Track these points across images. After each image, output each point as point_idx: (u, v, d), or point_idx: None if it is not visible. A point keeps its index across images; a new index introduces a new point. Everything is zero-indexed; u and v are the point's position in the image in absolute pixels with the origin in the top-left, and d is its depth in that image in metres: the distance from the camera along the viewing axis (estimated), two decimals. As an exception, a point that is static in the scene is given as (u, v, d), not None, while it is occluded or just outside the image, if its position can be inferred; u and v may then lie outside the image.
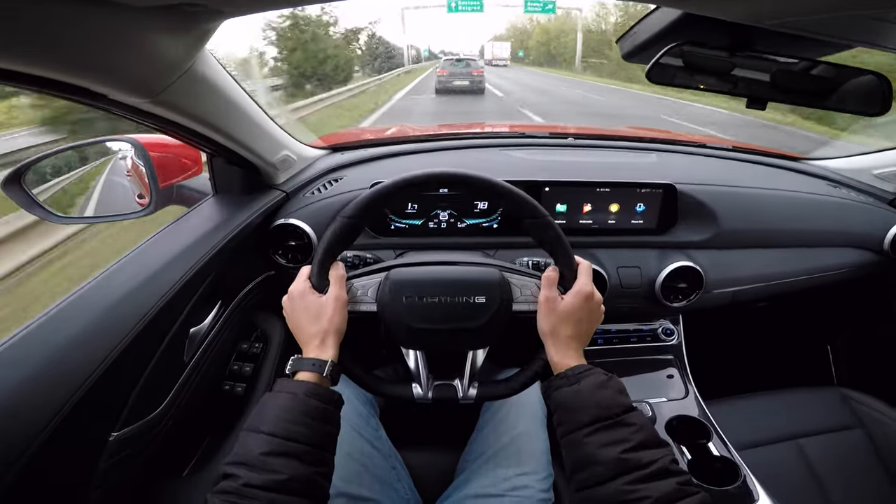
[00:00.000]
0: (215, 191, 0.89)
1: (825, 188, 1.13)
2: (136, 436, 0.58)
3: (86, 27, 0.38)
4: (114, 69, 0.44)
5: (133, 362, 0.57)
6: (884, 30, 0.41)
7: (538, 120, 8.17)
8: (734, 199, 1.03)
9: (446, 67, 13.75)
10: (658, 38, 0.55)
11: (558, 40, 46.50)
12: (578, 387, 0.52)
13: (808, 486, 0.85)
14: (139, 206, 0.84)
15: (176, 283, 0.64)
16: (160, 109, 0.57)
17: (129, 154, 0.86)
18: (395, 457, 0.76)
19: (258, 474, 0.43)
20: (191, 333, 0.71)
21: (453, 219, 0.97)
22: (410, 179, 0.60)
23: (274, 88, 12.86)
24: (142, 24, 0.42)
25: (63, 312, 0.55)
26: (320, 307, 0.57)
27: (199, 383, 0.72)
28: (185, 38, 0.48)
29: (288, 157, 0.93)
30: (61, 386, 0.48)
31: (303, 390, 0.50)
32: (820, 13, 0.36)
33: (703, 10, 0.41)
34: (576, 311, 0.57)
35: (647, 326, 1.09)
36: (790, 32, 0.42)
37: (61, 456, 0.48)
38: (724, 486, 0.74)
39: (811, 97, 0.63)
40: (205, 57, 0.58)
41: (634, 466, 0.45)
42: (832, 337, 1.37)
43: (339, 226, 0.59)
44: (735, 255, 1.04)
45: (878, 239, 1.08)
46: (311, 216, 0.91)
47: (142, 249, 0.70)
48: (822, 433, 0.94)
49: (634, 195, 0.98)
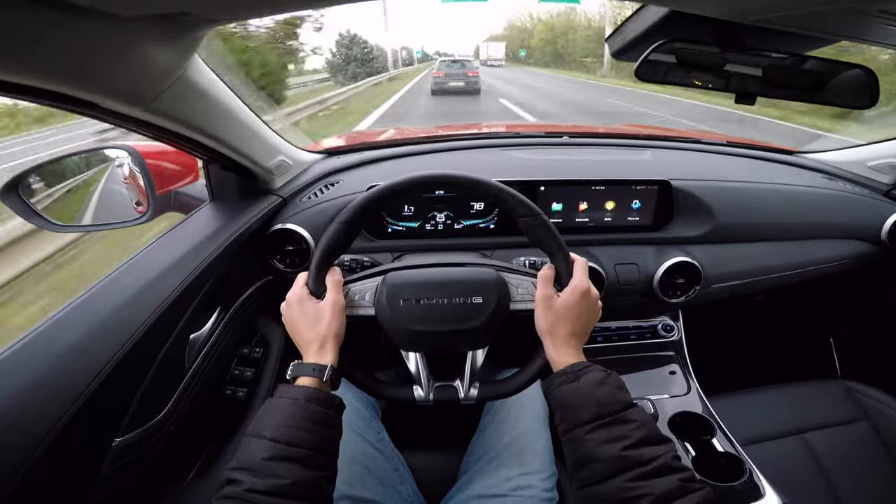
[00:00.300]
0: (212, 197, 0.89)
1: (821, 181, 1.13)
2: (137, 442, 0.58)
3: (75, 37, 0.38)
4: (104, 78, 0.44)
5: (134, 369, 0.57)
6: (866, 24, 0.41)
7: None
8: (730, 194, 1.03)
9: (442, 69, 13.87)
10: (646, 36, 0.56)
11: (566, 37, 43.97)
12: (578, 384, 0.52)
13: (816, 480, 0.85)
14: (137, 214, 0.84)
15: (175, 290, 0.64)
16: (153, 117, 0.57)
17: (126, 161, 0.86)
18: (397, 459, 0.76)
19: (262, 479, 0.43)
20: (191, 339, 0.72)
21: (450, 220, 0.97)
22: (403, 183, 0.60)
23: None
24: (132, 33, 0.42)
25: (63, 320, 0.55)
26: (318, 313, 0.57)
27: (201, 389, 0.72)
28: (175, 46, 0.48)
29: (284, 161, 0.94)
30: (62, 393, 0.48)
31: (303, 395, 0.50)
32: (802, 8, 0.37)
33: (688, 8, 0.41)
34: (573, 307, 0.57)
35: (647, 323, 1.09)
36: (774, 28, 0.42)
37: (63, 463, 0.48)
38: (730, 482, 0.74)
39: (802, 92, 0.64)
40: (196, 64, 0.58)
41: (635, 463, 0.45)
42: (834, 329, 1.37)
43: (334, 231, 0.59)
44: (732, 249, 1.04)
45: (875, 230, 1.08)
46: (308, 221, 0.91)
47: (140, 257, 0.70)
48: (827, 427, 0.94)
49: (630, 192, 0.99)
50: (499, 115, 9.23)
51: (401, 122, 8.68)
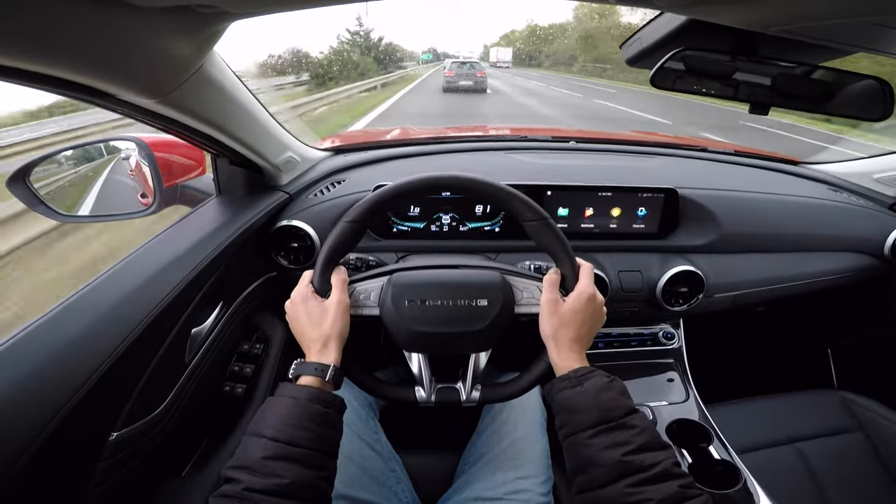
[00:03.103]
0: (219, 191, 0.89)
1: (825, 192, 1.13)
2: (136, 435, 0.58)
3: (96, 27, 0.38)
4: (124, 70, 0.44)
5: (135, 362, 0.57)
6: (885, 35, 0.41)
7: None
8: (735, 204, 1.03)
9: (453, 69, 15.89)
10: (662, 44, 0.55)
11: (550, 43, 50.20)
12: (581, 388, 0.52)
13: (808, 490, 0.86)
14: (143, 206, 0.84)
15: (179, 283, 0.64)
16: (167, 110, 0.57)
17: (134, 153, 0.86)
18: (394, 459, 0.76)
19: (260, 478, 0.43)
20: (192, 334, 0.71)
21: (455, 222, 0.97)
22: (411, 184, 0.60)
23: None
24: (151, 24, 0.42)
25: (66, 311, 0.55)
26: (322, 312, 0.57)
27: (200, 384, 0.72)
28: (194, 39, 0.48)
29: (292, 158, 0.94)
30: (63, 385, 0.48)
31: (304, 395, 0.50)
32: (823, 19, 0.36)
33: (709, 17, 0.41)
34: (578, 313, 0.57)
35: (648, 330, 1.09)
36: (793, 38, 0.42)
37: (62, 454, 0.48)
38: (725, 489, 0.74)
39: (812, 102, 0.63)
40: (213, 58, 0.58)
41: (636, 469, 0.45)
42: (832, 340, 1.37)
43: (341, 230, 0.59)
44: (736, 259, 1.04)
45: (878, 244, 1.08)
46: (314, 218, 0.91)
47: (145, 249, 0.70)
48: (821, 436, 0.94)
49: (636, 199, 0.98)
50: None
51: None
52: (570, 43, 42.35)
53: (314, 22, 60.78)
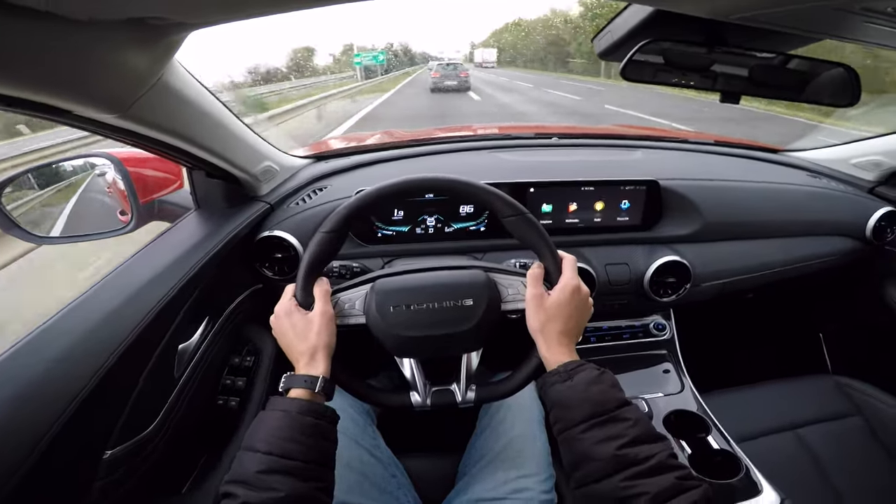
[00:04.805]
0: (197, 205, 0.87)
1: (805, 179, 1.15)
2: (131, 453, 0.57)
3: (45, 44, 0.37)
4: (78, 85, 0.43)
5: (122, 380, 0.56)
6: (849, 22, 0.42)
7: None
8: (717, 193, 1.04)
9: (438, 70, 16.99)
10: (631, 36, 0.56)
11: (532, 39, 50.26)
12: (571, 382, 0.52)
13: (812, 476, 0.86)
14: (121, 223, 0.82)
15: (161, 300, 0.63)
16: (130, 124, 0.56)
17: (109, 169, 0.85)
18: (394, 464, 0.75)
19: (256, 492, 0.43)
20: (179, 350, 0.70)
21: (440, 224, 0.97)
22: (384, 189, 0.60)
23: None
24: (104, 38, 0.41)
25: (47, 332, 0.54)
26: (307, 324, 0.57)
27: (192, 399, 0.71)
28: (151, 51, 0.47)
29: (270, 167, 0.92)
30: (48, 406, 0.47)
31: (295, 408, 0.50)
32: (785, 6, 0.37)
33: (671, 6, 0.41)
34: (564, 305, 0.57)
35: (639, 322, 1.09)
36: (758, 27, 0.43)
37: (53, 476, 0.47)
38: (727, 478, 0.74)
39: (787, 91, 0.65)
40: (174, 69, 0.57)
41: (631, 462, 0.45)
42: (823, 325, 1.39)
43: (318, 241, 0.58)
44: (721, 247, 1.05)
45: (860, 227, 1.10)
46: (296, 227, 0.90)
47: (125, 267, 0.68)
48: (820, 421, 0.94)
49: (619, 192, 0.99)
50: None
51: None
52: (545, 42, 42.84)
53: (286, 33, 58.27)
